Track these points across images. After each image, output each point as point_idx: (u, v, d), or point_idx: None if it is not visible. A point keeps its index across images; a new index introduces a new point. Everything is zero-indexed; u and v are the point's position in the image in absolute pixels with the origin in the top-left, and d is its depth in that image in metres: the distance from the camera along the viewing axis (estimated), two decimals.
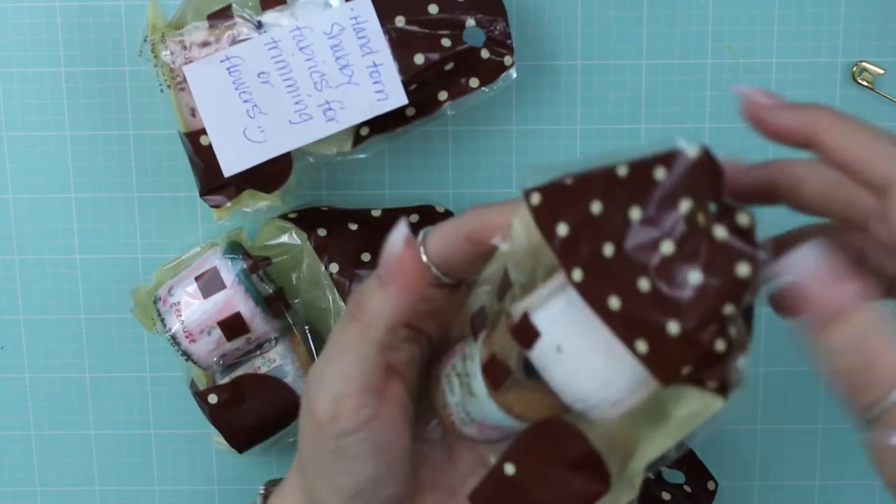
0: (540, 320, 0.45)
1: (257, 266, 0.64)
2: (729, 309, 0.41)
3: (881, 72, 0.67)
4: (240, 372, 0.65)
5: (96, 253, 0.70)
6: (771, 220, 0.43)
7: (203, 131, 0.62)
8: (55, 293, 0.70)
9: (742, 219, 0.41)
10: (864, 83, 0.67)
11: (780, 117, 0.47)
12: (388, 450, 0.54)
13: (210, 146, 0.62)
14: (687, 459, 0.68)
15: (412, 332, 0.53)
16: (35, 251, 0.70)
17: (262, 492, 0.58)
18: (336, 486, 0.52)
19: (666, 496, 0.66)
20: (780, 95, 0.47)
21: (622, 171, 0.42)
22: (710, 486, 0.68)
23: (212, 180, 0.63)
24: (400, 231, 0.49)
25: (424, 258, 0.51)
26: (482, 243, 0.50)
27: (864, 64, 0.67)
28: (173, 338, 0.64)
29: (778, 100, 0.47)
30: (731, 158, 0.46)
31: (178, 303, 0.64)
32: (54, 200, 0.69)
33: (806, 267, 0.43)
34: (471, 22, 0.62)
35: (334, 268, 0.64)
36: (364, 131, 0.63)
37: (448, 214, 0.68)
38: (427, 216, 0.67)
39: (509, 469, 0.49)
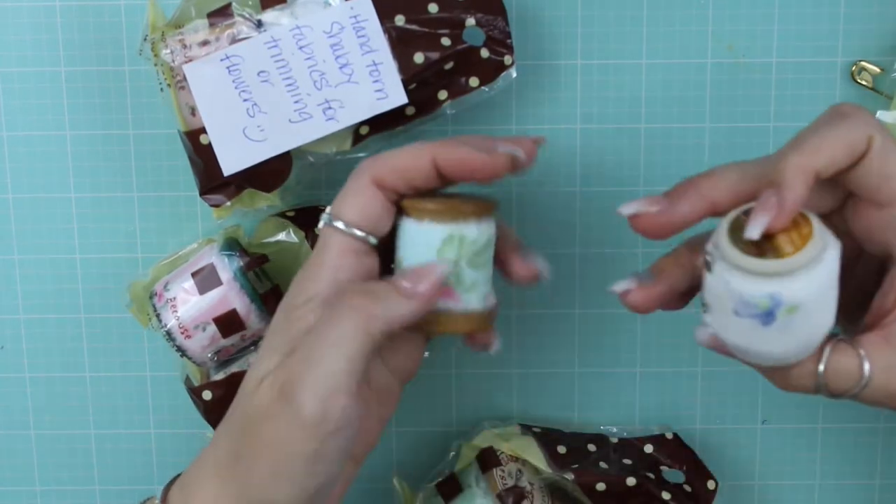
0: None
1: (254, 263, 0.64)
2: None
3: (880, 71, 0.67)
4: (234, 368, 0.65)
5: (96, 253, 0.70)
6: None
7: (203, 130, 0.62)
8: (55, 293, 0.70)
9: None
10: (864, 83, 0.67)
11: (677, 212, 0.52)
12: (364, 446, 0.55)
13: (210, 145, 0.62)
14: (687, 459, 0.68)
15: None
16: (35, 251, 0.70)
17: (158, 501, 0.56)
18: (300, 488, 0.52)
19: (666, 496, 0.66)
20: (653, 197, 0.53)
21: None
22: (710, 485, 0.68)
23: (211, 179, 0.63)
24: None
25: (343, 227, 0.54)
26: (390, 189, 0.54)
27: (863, 63, 0.67)
28: (168, 333, 0.64)
29: (655, 200, 0.53)
30: (648, 204, 0.52)
31: (174, 298, 0.64)
32: (54, 200, 0.69)
33: None
34: (471, 21, 0.62)
35: None
36: (364, 130, 0.63)
37: None
38: None
39: None
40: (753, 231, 0.48)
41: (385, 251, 0.56)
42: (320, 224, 0.55)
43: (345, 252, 0.54)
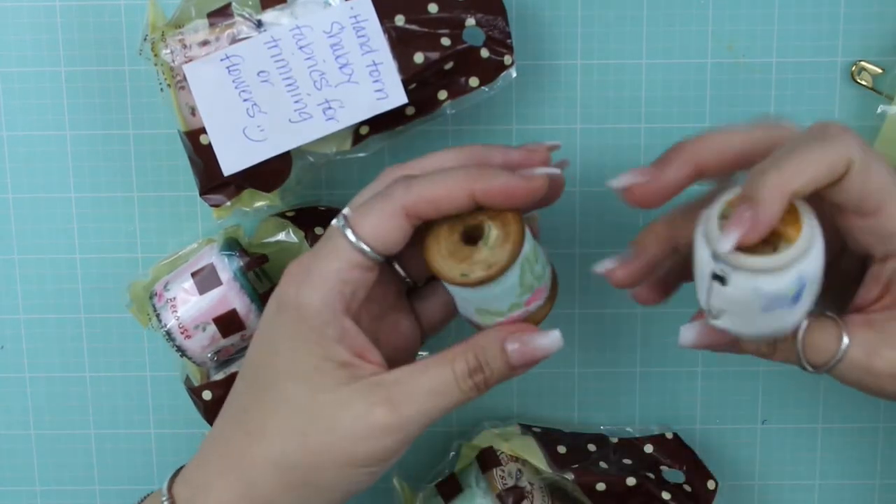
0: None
1: (254, 263, 0.64)
2: None
3: (880, 71, 0.67)
4: (234, 368, 0.65)
5: (96, 252, 0.70)
6: None
7: (203, 130, 0.62)
8: (55, 293, 0.70)
9: None
10: (864, 83, 0.67)
11: (665, 178, 0.53)
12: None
13: (210, 145, 0.62)
14: (687, 459, 0.68)
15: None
16: (35, 251, 0.70)
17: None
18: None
19: (666, 496, 0.66)
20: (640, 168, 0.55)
21: None
22: (710, 485, 0.68)
23: (211, 179, 0.63)
24: None
25: (353, 239, 0.53)
26: (420, 220, 0.53)
27: (863, 64, 0.67)
28: (168, 333, 0.64)
29: (643, 171, 0.54)
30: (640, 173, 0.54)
31: (174, 298, 0.64)
32: (54, 200, 0.69)
33: None
34: (471, 21, 0.62)
35: None
36: (364, 130, 0.63)
37: None
38: None
39: None
40: (725, 245, 0.49)
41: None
42: (334, 224, 0.54)
43: (353, 267, 0.53)
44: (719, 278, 0.50)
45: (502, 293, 0.54)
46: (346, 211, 0.54)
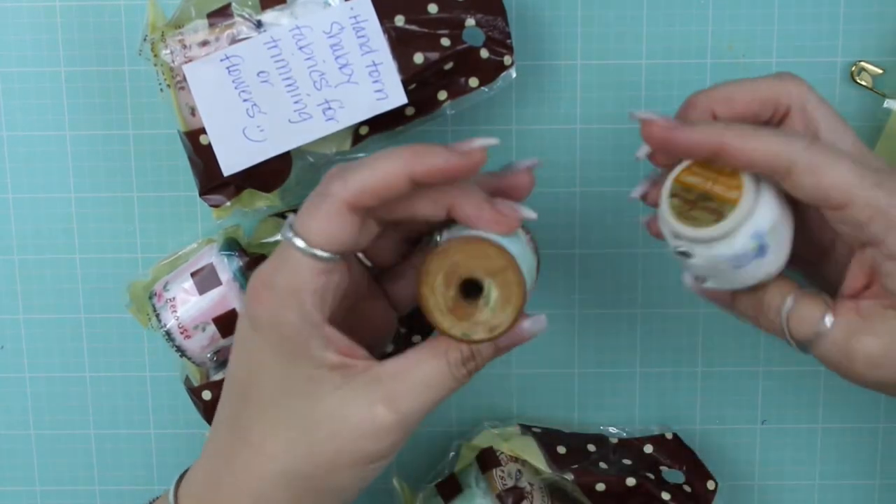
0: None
1: (253, 263, 0.64)
2: None
3: (880, 72, 0.67)
4: None
5: (96, 253, 0.70)
6: None
7: (203, 130, 0.62)
8: (55, 293, 0.70)
9: None
10: (863, 83, 0.67)
11: (688, 135, 0.53)
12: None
13: (209, 145, 0.62)
14: (687, 459, 0.68)
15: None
16: (35, 251, 0.70)
17: None
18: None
19: (666, 496, 0.66)
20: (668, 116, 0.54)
21: None
22: (710, 485, 0.68)
23: (211, 180, 0.63)
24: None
25: (304, 247, 0.52)
26: (365, 209, 0.52)
27: (863, 64, 0.67)
28: (168, 333, 0.64)
29: (674, 121, 0.54)
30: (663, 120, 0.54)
31: (174, 298, 0.64)
32: (54, 200, 0.69)
33: None
34: (470, 21, 0.62)
35: None
36: (363, 130, 0.63)
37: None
38: None
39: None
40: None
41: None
42: (281, 236, 0.53)
43: (318, 274, 0.52)
44: (683, 253, 0.53)
45: None
46: (290, 219, 0.53)
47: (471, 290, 0.52)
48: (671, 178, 0.54)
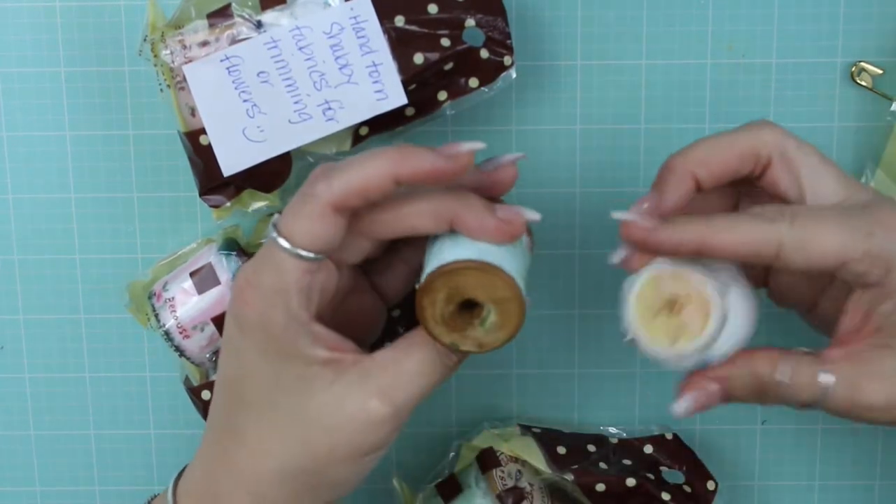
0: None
1: None
2: None
3: (880, 72, 0.67)
4: None
5: (96, 253, 0.70)
6: None
7: (203, 131, 0.62)
8: (55, 293, 0.70)
9: None
10: (863, 83, 0.67)
11: (669, 237, 0.52)
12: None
13: (209, 146, 0.62)
14: (687, 459, 0.68)
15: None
16: (35, 251, 0.70)
17: None
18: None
19: (666, 496, 0.66)
20: (649, 211, 0.54)
21: None
22: (710, 486, 0.68)
23: (211, 180, 0.63)
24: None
25: (289, 247, 0.52)
26: (350, 210, 0.52)
27: (862, 64, 0.67)
28: (167, 333, 0.64)
29: (653, 220, 0.53)
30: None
31: (173, 298, 0.64)
32: (54, 200, 0.69)
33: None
34: (470, 22, 0.62)
35: None
36: (363, 131, 0.63)
37: None
38: None
39: None
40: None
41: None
42: (266, 237, 0.53)
43: (303, 274, 0.52)
44: (634, 342, 0.55)
45: None
46: (275, 218, 0.53)
47: (470, 303, 0.53)
48: (642, 280, 0.54)
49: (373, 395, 0.53)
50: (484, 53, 0.63)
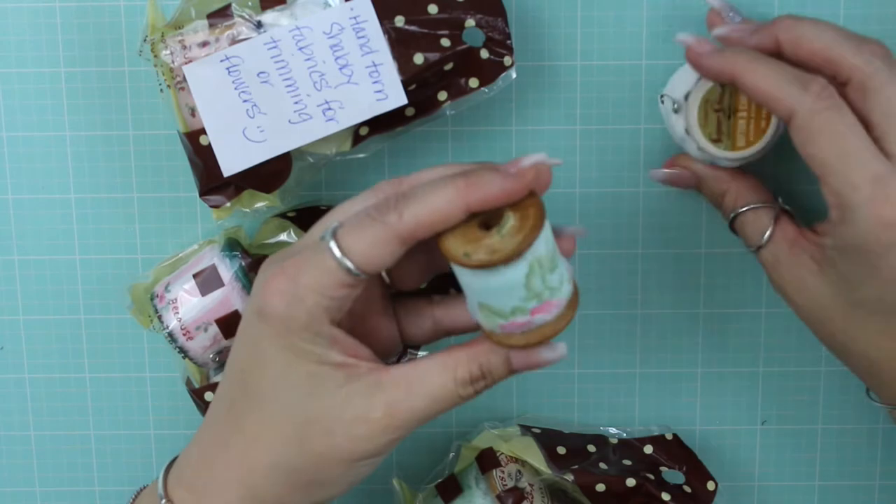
0: None
1: (255, 264, 0.64)
2: None
3: None
4: None
5: (96, 253, 0.70)
6: None
7: (203, 131, 0.62)
8: (55, 293, 0.70)
9: None
10: None
11: (711, 62, 0.58)
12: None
13: (209, 146, 0.62)
14: (687, 459, 0.68)
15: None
16: (35, 251, 0.70)
17: None
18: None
19: (666, 497, 0.66)
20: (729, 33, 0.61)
21: None
22: (710, 486, 0.68)
23: (211, 180, 0.63)
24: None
25: (338, 253, 0.51)
26: (414, 243, 0.52)
27: None
28: (170, 334, 0.64)
29: (712, 46, 0.59)
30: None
31: (176, 299, 0.64)
32: (54, 200, 0.69)
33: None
34: (470, 22, 0.62)
35: None
36: (363, 131, 0.63)
37: None
38: None
39: None
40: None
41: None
42: (322, 238, 0.53)
43: (342, 286, 0.52)
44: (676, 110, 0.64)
45: (505, 288, 0.52)
46: (335, 225, 0.53)
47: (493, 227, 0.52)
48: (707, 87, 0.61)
49: (378, 407, 0.53)
50: (484, 53, 0.63)
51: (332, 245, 0.52)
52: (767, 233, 0.60)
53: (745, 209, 0.62)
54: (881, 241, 0.54)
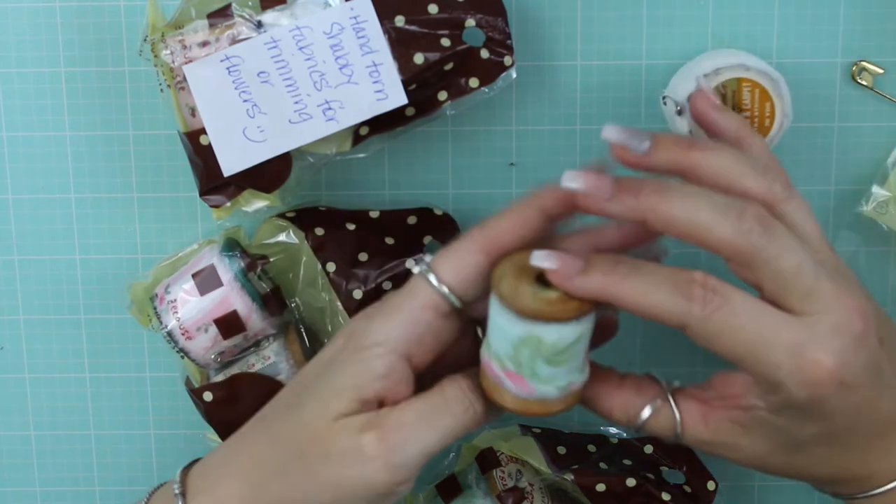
0: None
1: (255, 264, 0.64)
2: None
3: (881, 71, 0.67)
4: (235, 369, 0.65)
5: (96, 253, 0.70)
6: None
7: (203, 131, 0.62)
8: (55, 293, 0.70)
9: None
10: (864, 83, 0.67)
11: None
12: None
13: (210, 146, 0.62)
14: (687, 459, 0.68)
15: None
16: (35, 251, 0.70)
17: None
18: None
19: (666, 496, 0.66)
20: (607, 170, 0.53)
21: None
22: (710, 486, 0.68)
23: (211, 180, 0.63)
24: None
25: (435, 282, 0.53)
26: (499, 253, 0.53)
27: (863, 64, 0.67)
28: (170, 335, 0.64)
29: (607, 183, 0.52)
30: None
31: (175, 300, 0.64)
32: (54, 200, 0.69)
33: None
34: (470, 22, 0.62)
35: (331, 267, 0.64)
36: (364, 131, 0.63)
37: (446, 217, 0.67)
38: (425, 218, 0.67)
39: None
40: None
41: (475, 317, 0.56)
42: (415, 269, 0.55)
43: (427, 307, 0.53)
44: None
45: (532, 343, 0.52)
46: (428, 258, 0.55)
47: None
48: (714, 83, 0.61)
49: (368, 430, 0.53)
50: (484, 53, 0.63)
51: (425, 271, 0.54)
52: (678, 428, 0.56)
53: (643, 418, 0.56)
54: (816, 397, 0.51)
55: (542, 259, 0.51)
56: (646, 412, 0.56)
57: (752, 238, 0.50)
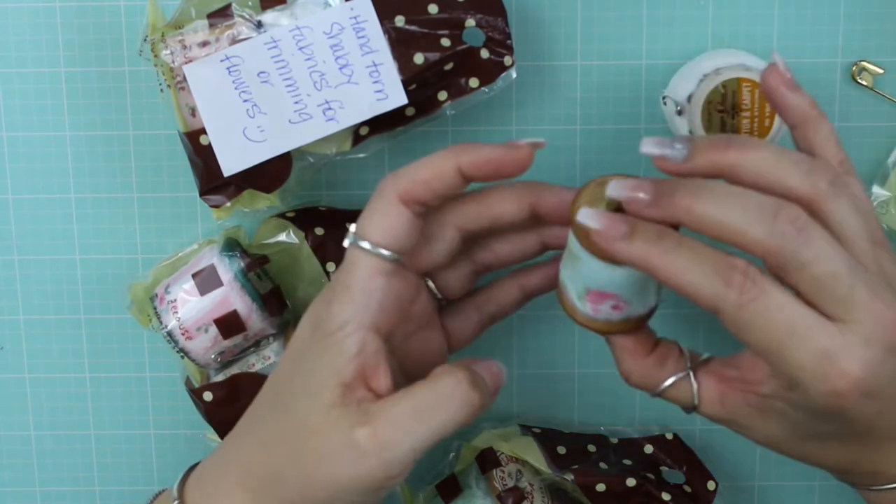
0: None
1: (255, 264, 0.64)
2: None
3: (881, 72, 0.67)
4: (235, 369, 0.65)
5: (96, 253, 0.70)
6: None
7: (203, 131, 0.62)
8: (55, 293, 0.70)
9: None
10: (864, 83, 0.67)
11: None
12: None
13: (210, 146, 0.62)
14: (687, 459, 0.68)
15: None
16: (35, 251, 0.70)
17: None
18: None
19: (666, 496, 0.66)
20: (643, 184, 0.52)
21: None
22: (710, 486, 0.68)
23: (211, 180, 0.63)
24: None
25: (369, 247, 0.53)
26: (416, 202, 0.54)
27: (863, 64, 0.67)
28: (170, 335, 0.64)
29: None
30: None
31: (175, 300, 0.64)
32: (54, 200, 0.69)
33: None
34: (470, 22, 0.62)
35: (331, 267, 0.64)
36: (364, 131, 0.63)
37: None
38: None
39: None
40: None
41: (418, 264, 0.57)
42: (345, 243, 0.54)
43: (374, 274, 0.53)
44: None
45: (621, 276, 0.54)
46: (351, 227, 0.55)
47: None
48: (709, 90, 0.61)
49: (360, 425, 0.52)
50: (484, 53, 0.63)
51: (354, 240, 0.54)
52: (694, 400, 0.57)
53: (662, 388, 0.58)
54: (836, 405, 0.50)
55: (616, 190, 0.52)
56: (665, 383, 0.57)
57: (786, 241, 0.49)
